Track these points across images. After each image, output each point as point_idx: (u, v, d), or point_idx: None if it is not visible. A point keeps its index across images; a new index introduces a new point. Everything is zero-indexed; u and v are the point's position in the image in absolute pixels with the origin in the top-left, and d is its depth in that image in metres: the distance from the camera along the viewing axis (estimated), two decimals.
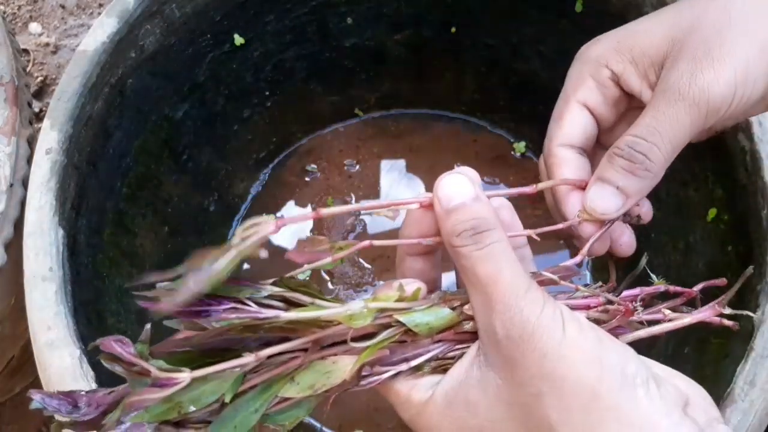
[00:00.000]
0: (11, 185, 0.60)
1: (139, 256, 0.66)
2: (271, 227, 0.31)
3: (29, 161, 0.60)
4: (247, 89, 0.74)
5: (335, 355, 0.34)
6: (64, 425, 0.30)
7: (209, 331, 0.31)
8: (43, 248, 0.50)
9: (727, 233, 0.56)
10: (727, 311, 0.39)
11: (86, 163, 0.57)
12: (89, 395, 0.29)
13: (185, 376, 0.30)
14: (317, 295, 0.33)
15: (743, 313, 0.40)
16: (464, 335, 0.36)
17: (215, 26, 0.67)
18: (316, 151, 0.82)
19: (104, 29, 0.58)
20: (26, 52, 1.05)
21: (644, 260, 0.41)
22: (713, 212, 0.58)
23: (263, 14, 0.69)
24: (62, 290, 0.49)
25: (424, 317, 0.35)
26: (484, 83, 0.78)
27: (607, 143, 0.42)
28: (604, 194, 0.39)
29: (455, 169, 0.36)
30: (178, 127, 0.70)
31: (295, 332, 0.33)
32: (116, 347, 0.28)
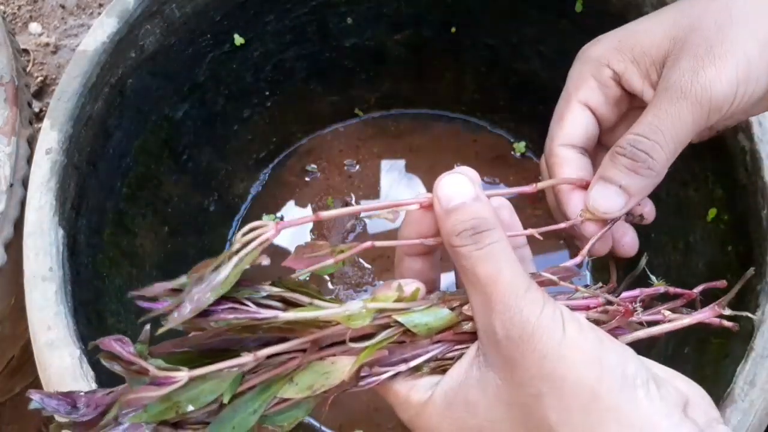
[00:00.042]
0: (11, 185, 0.60)
1: (139, 256, 0.66)
2: (271, 232, 0.31)
3: (29, 161, 0.60)
4: (247, 89, 0.74)
5: (334, 355, 0.34)
6: (63, 426, 0.30)
7: (208, 331, 0.31)
8: (43, 248, 0.50)
9: (727, 233, 0.56)
10: (726, 312, 0.39)
11: (86, 163, 0.57)
12: (88, 396, 0.29)
13: (183, 375, 0.30)
14: (316, 295, 0.33)
15: (743, 314, 0.40)
16: (463, 336, 0.35)
17: (215, 26, 0.67)
18: (316, 151, 0.81)
19: (104, 29, 0.58)
20: (26, 52, 1.05)
21: (644, 261, 0.41)
22: (713, 212, 0.58)
23: (263, 14, 0.69)
24: (62, 290, 0.49)
25: (423, 318, 0.35)
26: (484, 83, 0.78)
27: (608, 143, 0.42)
28: (606, 193, 0.39)
29: (455, 168, 0.36)
30: (178, 127, 0.70)
31: (293, 332, 0.33)
32: (116, 346, 0.28)
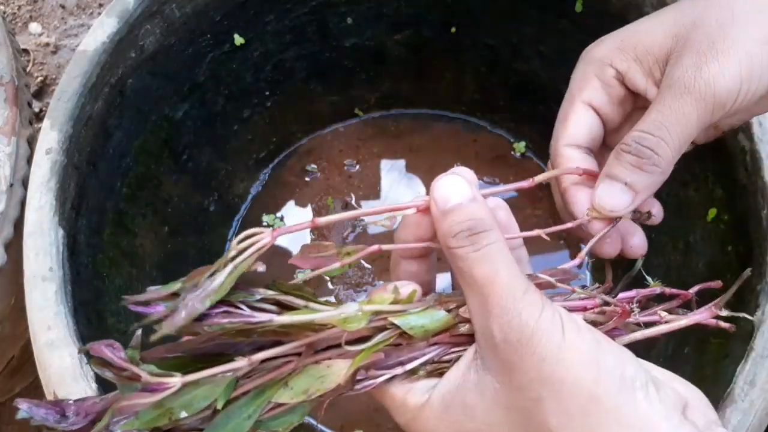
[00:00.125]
0: (11, 185, 0.60)
1: (139, 256, 0.66)
2: (267, 239, 0.31)
3: (29, 161, 0.60)
4: (247, 89, 0.74)
5: (329, 359, 0.34)
6: None
7: (201, 335, 0.30)
8: (43, 248, 0.50)
9: (727, 233, 0.56)
10: (724, 313, 0.39)
11: (86, 163, 0.57)
12: (77, 404, 0.29)
13: (176, 380, 0.29)
14: (311, 298, 0.33)
15: (740, 315, 0.40)
16: (460, 338, 0.35)
17: (215, 26, 0.67)
18: (316, 151, 0.81)
19: (104, 29, 0.58)
20: (26, 52, 1.05)
21: (640, 262, 0.41)
22: (713, 212, 0.58)
23: (263, 14, 0.69)
24: (62, 290, 0.49)
25: (419, 320, 0.34)
26: (484, 83, 0.78)
27: (613, 144, 0.41)
28: (612, 191, 0.39)
29: (451, 169, 0.36)
30: (178, 127, 0.70)
31: (288, 336, 0.33)
32: (106, 352, 0.27)
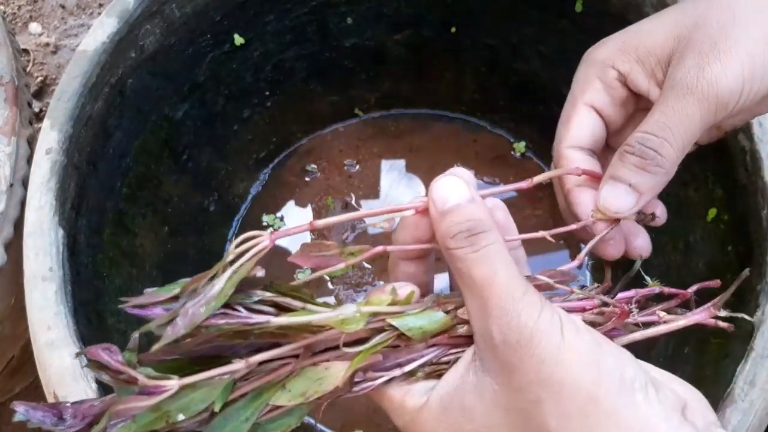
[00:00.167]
0: (11, 185, 0.60)
1: (139, 256, 0.66)
2: (265, 242, 0.31)
3: (29, 161, 0.60)
4: (247, 89, 0.74)
5: (327, 360, 0.34)
6: None
7: (198, 337, 0.30)
8: (43, 248, 0.50)
9: (727, 233, 0.56)
10: (722, 313, 0.39)
11: (86, 163, 0.57)
12: (75, 406, 0.29)
13: (173, 383, 0.29)
14: (308, 299, 0.33)
15: (739, 315, 0.40)
16: (459, 339, 0.35)
17: (215, 26, 0.67)
18: (316, 151, 0.81)
19: (104, 29, 0.58)
20: (26, 52, 1.05)
21: (639, 262, 0.41)
22: (713, 212, 0.58)
23: (263, 14, 0.69)
24: (62, 290, 0.49)
25: (417, 321, 0.34)
26: (484, 83, 0.78)
27: (615, 145, 0.41)
28: (616, 192, 0.39)
29: (450, 170, 0.36)
30: (178, 127, 0.70)
31: (286, 338, 0.33)
32: (103, 355, 0.27)
